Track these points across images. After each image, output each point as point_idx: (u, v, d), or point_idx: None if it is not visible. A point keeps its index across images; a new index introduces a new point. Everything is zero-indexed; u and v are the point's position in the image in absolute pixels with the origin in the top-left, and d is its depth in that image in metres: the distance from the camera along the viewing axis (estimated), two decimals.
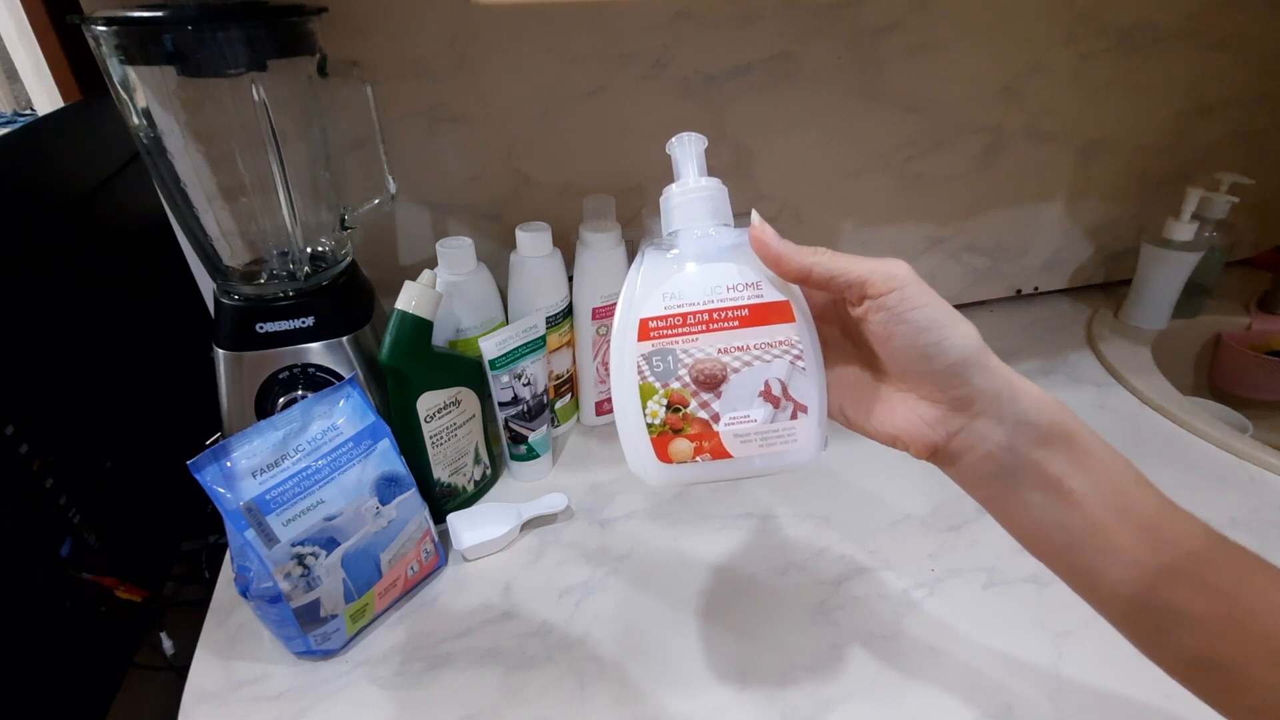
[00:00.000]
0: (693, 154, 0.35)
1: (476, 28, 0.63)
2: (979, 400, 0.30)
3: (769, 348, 0.32)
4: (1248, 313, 0.89)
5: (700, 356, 0.32)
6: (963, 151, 0.81)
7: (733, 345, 0.32)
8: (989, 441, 0.30)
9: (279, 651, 0.50)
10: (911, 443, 0.32)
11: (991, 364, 0.30)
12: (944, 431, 0.31)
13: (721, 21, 0.67)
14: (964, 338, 0.30)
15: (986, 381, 0.30)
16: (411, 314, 0.54)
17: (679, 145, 0.35)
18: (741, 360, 0.32)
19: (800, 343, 0.32)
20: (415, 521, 0.53)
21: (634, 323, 0.32)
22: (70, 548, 0.50)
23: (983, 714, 0.45)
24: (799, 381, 0.32)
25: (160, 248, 0.66)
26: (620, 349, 0.33)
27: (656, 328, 0.32)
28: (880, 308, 0.30)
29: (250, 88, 0.50)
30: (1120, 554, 0.30)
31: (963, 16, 0.73)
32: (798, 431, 0.32)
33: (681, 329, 0.32)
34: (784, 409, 0.32)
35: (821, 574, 0.55)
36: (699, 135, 0.35)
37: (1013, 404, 0.30)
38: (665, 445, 0.33)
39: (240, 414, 0.56)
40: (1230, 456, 0.67)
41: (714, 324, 0.32)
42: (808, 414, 0.32)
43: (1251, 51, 0.83)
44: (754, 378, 0.32)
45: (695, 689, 0.47)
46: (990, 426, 0.30)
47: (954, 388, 0.30)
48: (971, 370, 0.30)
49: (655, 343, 0.32)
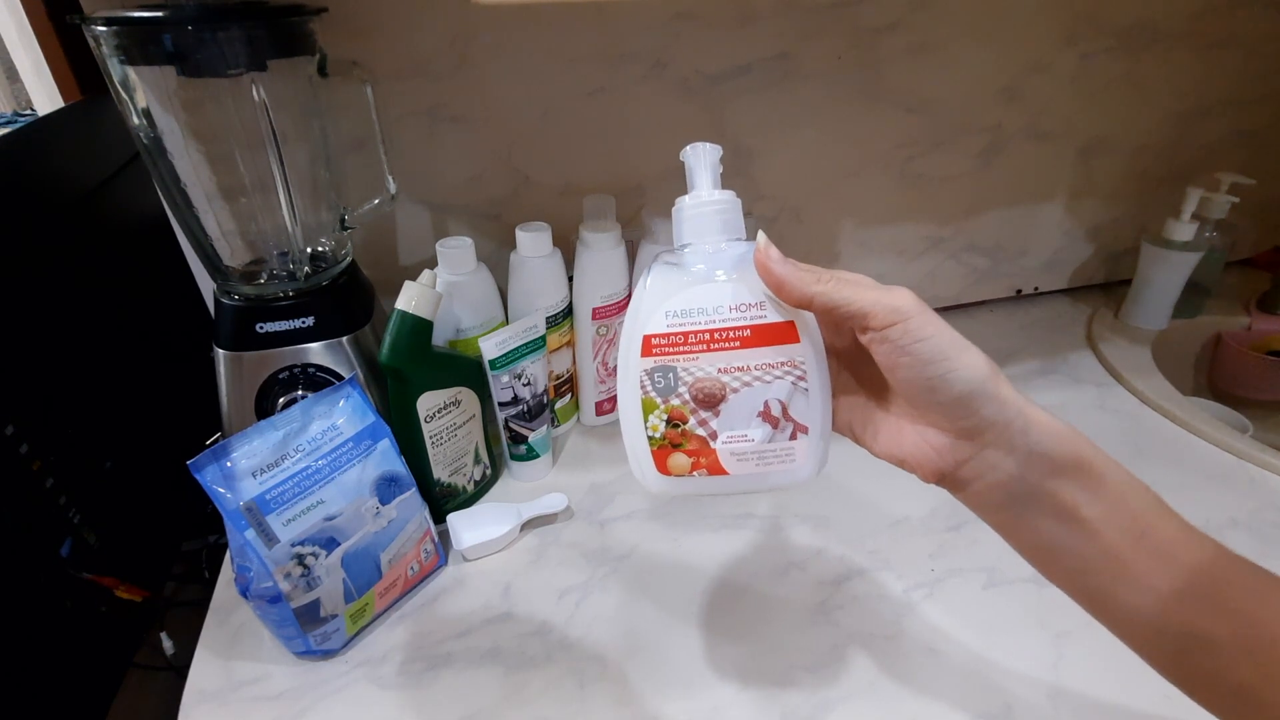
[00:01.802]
0: (706, 164, 0.34)
1: (476, 28, 0.63)
2: (988, 431, 0.30)
3: (770, 369, 0.32)
4: (1248, 313, 0.89)
5: (700, 375, 0.32)
6: (963, 151, 0.81)
7: (733, 365, 0.32)
8: (999, 471, 0.30)
9: (279, 651, 0.50)
10: (918, 468, 0.32)
11: (1002, 394, 0.29)
12: (952, 460, 0.31)
13: (721, 21, 0.67)
14: (970, 369, 0.29)
15: (996, 413, 0.29)
16: (411, 314, 0.54)
17: (693, 154, 0.34)
18: (741, 380, 0.32)
19: (804, 364, 0.32)
20: (415, 521, 0.53)
21: (638, 339, 0.33)
22: (70, 548, 0.50)
23: (982, 714, 0.45)
24: (800, 402, 0.32)
25: (160, 248, 0.66)
26: (626, 362, 0.33)
27: (659, 345, 0.32)
28: (883, 340, 0.30)
29: (250, 88, 0.50)
30: (1137, 580, 0.29)
31: (963, 16, 0.73)
32: (796, 451, 0.32)
33: (683, 347, 0.32)
34: (783, 429, 0.32)
35: (821, 574, 0.55)
36: (714, 145, 0.35)
37: (1024, 435, 0.29)
38: (664, 458, 0.33)
39: (240, 414, 0.56)
40: (1230, 457, 0.67)
41: (715, 344, 0.32)
42: (808, 434, 0.32)
43: (1251, 51, 0.83)
44: (753, 398, 0.32)
45: (695, 689, 0.47)
46: (1000, 457, 0.30)
47: (961, 419, 0.30)
48: (979, 402, 0.29)
49: (658, 359, 0.32)
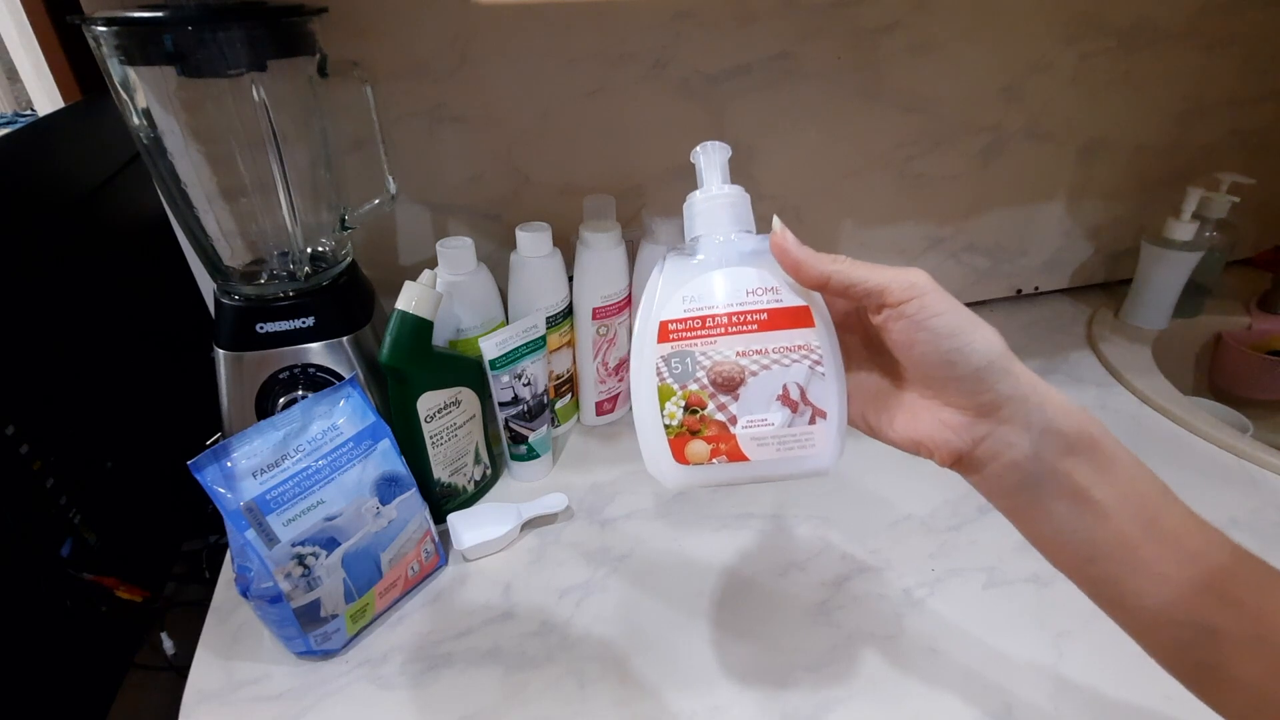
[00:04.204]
0: (716, 162, 0.35)
1: (476, 28, 0.63)
2: (1005, 406, 0.30)
3: (788, 352, 0.32)
4: (1248, 312, 0.89)
5: (718, 359, 0.32)
6: (963, 151, 0.81)
7: (751, 349, 0.32)
8: (1015, 449, 0.30)
9: (279, 652, 0.50)
10: (936, 449, 0.32)
11: (1016, 370, 0.30)
12: (969, 438, 0.31)
13: (721, 21, 0.67)
14: (986, 343, 0.30)
15: (1012, 387, 0.30)
16: (412, 314, 0.54)
17: (703, 154, 0.35)
18: (760, 364, 0.32)
19: (820, 348, 0.32)
20: (415, 521, 0.53)
21: (654, 324, 0.33)
22: (71, 548, 0.50)
23: (983, 714, 0.45)
24: (818, 387, 0.32)
25: (160, 248, 0.66)
26: (640, 351, 0.33)
27: (676, 330, 0.32)
28: (900, 316, 0.30)
29: (250, 88, 0.50)
30: (1146, 567, 0.29)
31: (963, 16, 0.73)
32: (816, 437, 0.32)
33: (700, 331, 0.32)
34: (802, 414, 0.32)
35: (822, 574, 0.55)
36: (723, 144, 0.35)
37: (1039, 411, 0.30)
38: (682, 446, 0.33)
39: (240, 414, 0.56)
40: (1231, 456, 0.67)
41: (733, 327, 0.32)
42: (826, 420, 0.32)
43: (1251, 51, 0.83)
44: (772, 381, 0.32)
45: (695, 689, 0.47)
46: (1017, 434, 0.30)
47: (979, 394, 0.30)
48: (996, 376, 0.30)
49: (674, 345, 0.32)
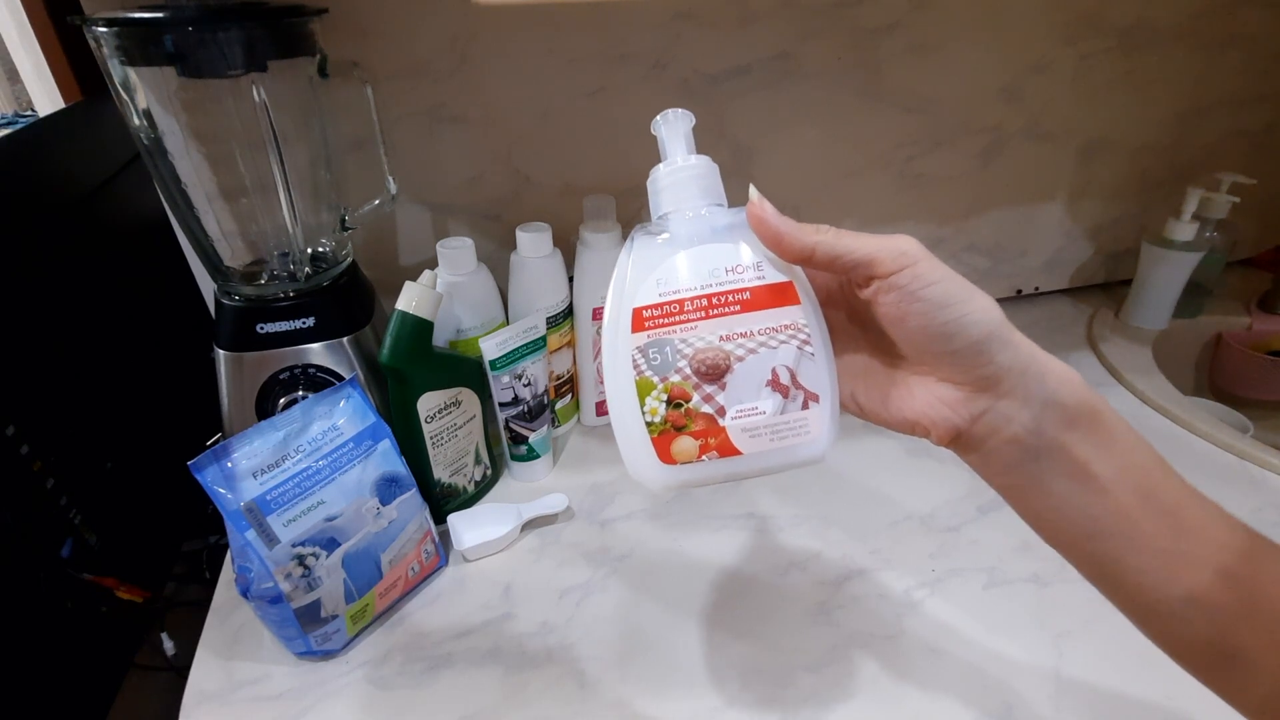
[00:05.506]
0: (680, 132, 0.32)
1: (476, 28, 0.63)
2: (1005, 379, 0.28)
3: (774, 333, 0.29)
4: (1248, 313, 0.89)
5: (701, 345, 0.29)
6: (963, 151, 0.81)
7: (735, 331, 0.29)
8: (1015, 424, 0.28)
9: (279, 652, 0.50)
10: (933, 427, 0.30)
11: (1015, 339, 0.28)
12: (967, 414, 0.29)
13: (721, 21, 0.67)
14: (984, 312, 0.28)
15: (1012, 358, 0.28)
16: (412, 314, 0.54)
17: (664, 123, 0.32)
18: (746, 348, 0.29)
19: (807, 326, 0.29)
20: (416, 522, 0.53)
21: (627, 313, 0.29)
22: (71, 548, 0.50)
23: (983, 714, 0.45)
24: (808, 368, 0.29)
25: (161, 248, 0.66)
26: (613, 344, 0.30)
27: (651, 317, 0.29)
28: (891, 287, 0.28)
29: (250, 88, 0.50)
30: (1143, 541, 0.28)
31: (963, 16, 0.73)
32: (810, 423, 0.29)
33: (679, 317, 0.29)
34: (794, 398, 0.29)
35: (822, 574, 0.55)
36: (686, 111, 0.32)
37: (1040, 383, 0.28)
38: (667, 445, 0.29)
39: (241, 414, 0.56)
40: (1231, 456, 0.67)
41: (714, 310, 0.29)
42: (819, 403, 0.30)
43: (1251, 51, 0.83)
44: (760, 366, 0.29)
45: (695, 689, 0.47)
46: (1017, 408, 0.28)
47: (978, 366, 0.28)
48: (995, 346, 0.28)
49: (651, 334, 0.29)
